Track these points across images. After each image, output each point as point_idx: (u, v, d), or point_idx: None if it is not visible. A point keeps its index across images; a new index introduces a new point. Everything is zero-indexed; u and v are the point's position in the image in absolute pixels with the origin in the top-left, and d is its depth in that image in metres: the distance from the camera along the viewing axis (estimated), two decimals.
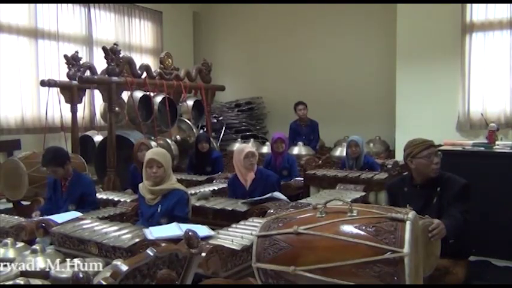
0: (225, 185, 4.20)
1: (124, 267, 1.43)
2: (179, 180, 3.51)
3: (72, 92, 5.59)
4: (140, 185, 3.14)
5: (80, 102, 5.80)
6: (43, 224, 2.84)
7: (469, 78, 5.79)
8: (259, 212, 3.17)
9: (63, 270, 2.04)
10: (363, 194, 3.80)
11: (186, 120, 6.02)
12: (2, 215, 3.29)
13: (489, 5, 5.63)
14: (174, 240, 2.28)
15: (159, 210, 2.98)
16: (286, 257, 1.72)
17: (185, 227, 2.41)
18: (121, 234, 2.52)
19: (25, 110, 5.67)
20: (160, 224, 2.83)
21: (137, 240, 2.40)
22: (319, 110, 6.79)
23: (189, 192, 3.23)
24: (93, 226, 2.71)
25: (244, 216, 3.10)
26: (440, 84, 5.91)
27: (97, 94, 5.62)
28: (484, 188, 3.50)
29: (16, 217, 3.23)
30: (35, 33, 5.77)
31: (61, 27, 6.06)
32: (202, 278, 2.00)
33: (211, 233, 2.49)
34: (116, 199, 3.79)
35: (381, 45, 6.84)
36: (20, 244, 2.47)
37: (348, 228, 1.68)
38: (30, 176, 4.15)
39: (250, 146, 4.17)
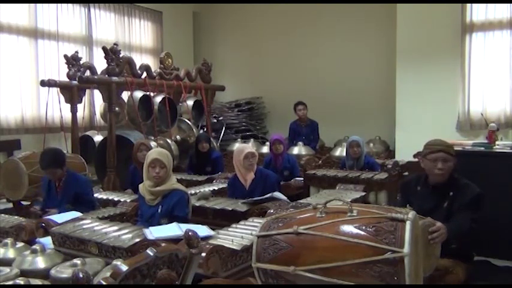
0: (225, 185, 4.20)
1: (124, 267, 1.43)
2: (179, 180, 3.51)
3: (72, 92, 5.60)
4: (140, 185, 3.13)
5: (80, 102, 5.81)
6: (43, 224, 2.84)
7: (469, 78, 5.79)
8: (259, 212, 3.17)
9: (63, 270, 2.03)
10: (363, 194, 3.79)
11: (186, 120, 6.02)
12: (2, 215, 3.28)
13: (489, 5, 5.63)
14: (174, 240, 2.28)
15: (159, 210, 2.98)
16: (286, 257, 1.71)
17: (185, 227, 2.41)
18: (121, 234, 2.51)
19: (25, 110, 5.67)
20: (160, 224, 2.83)
21: (137, 240, 2.40)
22: (319, 110, 6.79)
23: (189, 192, 3.22)
24: (93, 226, 2.70)
25: (244, 216, 3.09)
26: (440, 84, 5.90)
27: (97, 94, 5.63)
28: (484, 188, 3.48)
29: (16, 217, 3.22)
30: (35, 33, 5.78)
31: (61, 27, 6.06)
32: (202, 278, 2.00)
33: (211, 233, 2.49)
34: (116, 199, 3.79)
35: (381, 45, 6.84)
36: (20, 244, 2.47)
37: (348, 228, 1.67)
38: (30, 176, 4.15)
39: (250, 147, 4.17)
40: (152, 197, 3.02)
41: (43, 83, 5.43)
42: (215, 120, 7.41)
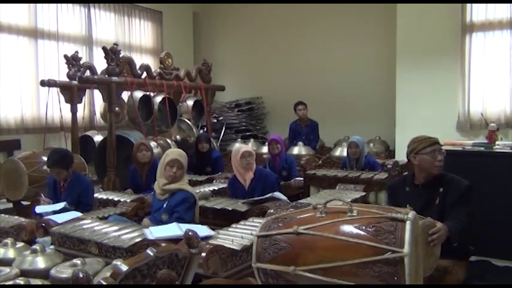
0: (225, 185, 4.20)
1: (124, 267, 1.43)
2: None
3: (72, 92, 5.59)
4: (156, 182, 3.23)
5: (80, 102, 5.80)
6: (43, 224, 2.85)
7: (469, 78, 5.79)
8: (259, 212, 3.17)
9: (63, 270, 2.03)
10: (363, 194, 3.80)
11: (186, 120, 6.02)
12: (2, 215, 3.28)
13: (489, 5, 5.63)
14: (174, 240, 2.28)
15: (164, 206, 3.08)
16: (286, 257, 1.71)
17: (185, 227, 2.42)
18: (121, 234, 2.52)
19: (25, 110, 5.67)
20: (162, 219, 2.97)
21: (137, 240, 2.40)
22: (319, 110, 6.79)
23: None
24: (93, 226, 2.70)
25: (244, 216, 3.10)
26: (440, 84, 5.90)
27: (97, 94, 5.62)
28: (484, 188, 3.49)
29: (16, 217, 3.22)
30: (35, 33, 5.77)
31: (61, 27, 6.06)
32: (202, 278, 2.00)
33: (211, 233, 2.49)
34: (116, 199, 3.78)
35: (381, 45, 6.84)
36: (20, 244, 2.47)
37: (348, 228, 1.67)
38: (30, 176, 4.16)
39: (246, 146, 4.18)
40: (162, 191, 3.12)
41: (43, 83, 5.42)
42: (215, 120, 7.41)
